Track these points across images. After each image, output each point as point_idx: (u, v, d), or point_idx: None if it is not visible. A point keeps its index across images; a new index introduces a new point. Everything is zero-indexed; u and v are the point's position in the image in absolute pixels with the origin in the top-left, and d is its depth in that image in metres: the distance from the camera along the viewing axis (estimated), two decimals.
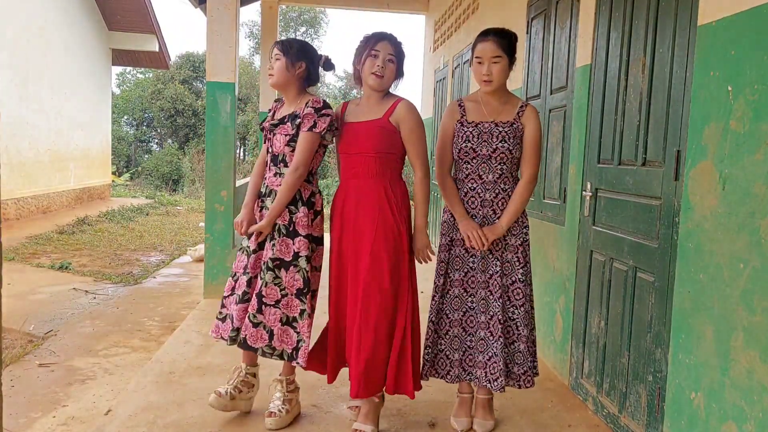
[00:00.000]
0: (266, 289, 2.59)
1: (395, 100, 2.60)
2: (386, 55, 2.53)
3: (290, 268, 2.60)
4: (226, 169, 4.81)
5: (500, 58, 2.53)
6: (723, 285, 1.98)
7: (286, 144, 2.62)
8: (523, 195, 2.61)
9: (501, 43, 2.54)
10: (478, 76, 2.59)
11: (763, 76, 1.82)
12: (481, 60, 2.56)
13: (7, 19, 9.04)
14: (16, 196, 9.47)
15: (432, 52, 8.20)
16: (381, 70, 2.52)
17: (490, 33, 2.57)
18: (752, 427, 1.84)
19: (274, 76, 2.68)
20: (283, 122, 2.66)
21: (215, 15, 4.73)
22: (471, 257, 2.63)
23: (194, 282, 6.06)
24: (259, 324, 2.60)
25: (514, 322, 2.63)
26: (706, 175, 2.07)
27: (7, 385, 3.41)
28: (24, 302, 5.13)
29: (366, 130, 2.57)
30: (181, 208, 12.94)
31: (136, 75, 26.49)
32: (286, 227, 2.61)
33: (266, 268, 2.59)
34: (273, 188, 2.66)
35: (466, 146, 2.61)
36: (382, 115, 2.57)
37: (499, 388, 2.57)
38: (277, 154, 2.66)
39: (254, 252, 2.65)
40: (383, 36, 2.58)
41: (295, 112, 2.65)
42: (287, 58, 2.65)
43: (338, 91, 26.33)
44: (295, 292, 2.61)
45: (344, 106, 2.74)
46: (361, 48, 2.59)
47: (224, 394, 2.66)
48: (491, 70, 2.54)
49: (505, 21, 4.41)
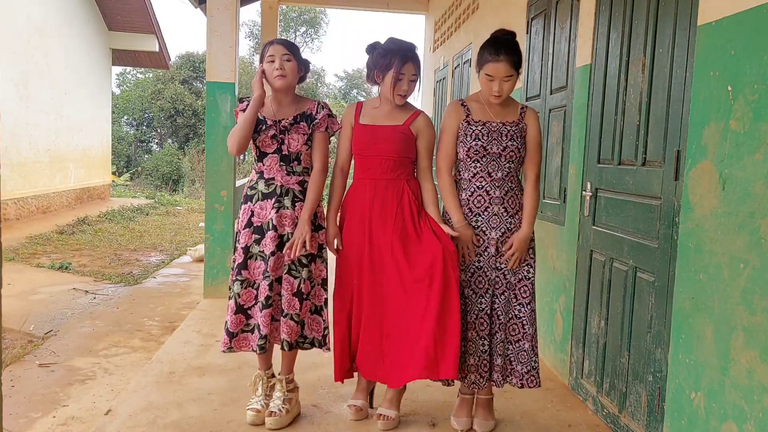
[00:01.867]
0: (303, 285, 2.65)
1: (415, 111, 2.75)
2: (410, 76, 2.66)
3: (317, 260, 2.72)
4: (226, 169, 4.81)
5: (511, 77, 2.55)
6: (723, 285, 1.98)
7: (304, 143, 2.68)
8: (534, 197, 2.65)
9: (513, 62, 2.54)
10: (487, 91, 2.59)
11: (763, 76, 1.82)
12: (492, 79, 2.55)
13: (7, 20, 9.04)
14: (16, 196, 9.47)
15: (432, 52, 8.20)
16: (405, 91, 2.68)
17: (502, 52, 2.52)
18: (752, 426, 1.84)
19: (288, 77, 2.65)
20: (297, 121, 2.68)
21: (215, 15, 4.73)
22: (477, 255, 2.62)
23: (194, 282, 6.06)
24: (300, 321, 2.67)
25: (520, 320, 2.62)
26: (706, 175, 2.07)
27: (7, 385, 3.41)
28: (24, 302, 5.13)
29: (389, 134, 2.67)
30: (181, 208, 12.94)
31: (136, 75, 26.49)
32: (312, 222, 2.69)
33: (300, 265, 2.64)
34: (289, 187, 2.67)
35: (476, 144, 2.60)
36: (404, 123, 2.70)
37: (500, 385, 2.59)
38: (291, 152, 2.67)
39: (272, 254, 2.63)
40: (408, 56, 2.64)
41: (306, 112, 2.70)
42: (296, 60, 2.68)
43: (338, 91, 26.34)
44: (320, 282, 2.74)
45: (358, 106, 2.78)
46: (385, 64, 2.63)
47: (261, 408, 2.67)
48: (502, 87, 2.55)
49: (505, 21, 4.41)
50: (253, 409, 2.66)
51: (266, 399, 2.72)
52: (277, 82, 2.64)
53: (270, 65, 2.64)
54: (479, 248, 2.61)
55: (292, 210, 2.66)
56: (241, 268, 2.64)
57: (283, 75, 2.63)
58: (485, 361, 2.63)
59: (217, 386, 3.08)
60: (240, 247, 2.66)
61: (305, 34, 25.72)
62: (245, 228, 2.67)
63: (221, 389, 3.04)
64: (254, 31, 25.18)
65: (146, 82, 24.74)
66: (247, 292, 2.65)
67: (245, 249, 2.65)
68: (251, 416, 2.64)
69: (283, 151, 2.67)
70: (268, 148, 2.67)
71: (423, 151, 2.74)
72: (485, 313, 2.62)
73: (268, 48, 2.68)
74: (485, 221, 2.60)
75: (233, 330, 2.65)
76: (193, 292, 5.67)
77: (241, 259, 2.64)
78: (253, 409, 2.66)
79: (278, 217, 2.65)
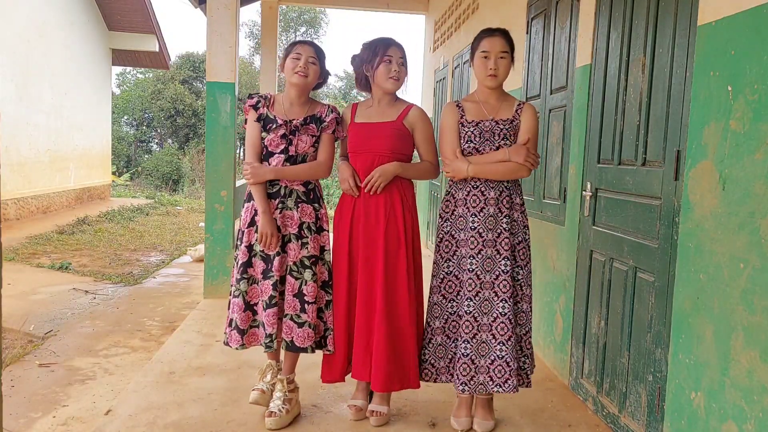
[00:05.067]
0: (306, 287, 2.65)
1: (407, 105, 2.75)
2: (398, 59, 2.68)
3: (319, 263, 2.71)
4: (226, 170, 4.81)
5: (506, 54, 2.60)
6: (723, 285, 1.98)
7: (312, 145, 2.69)
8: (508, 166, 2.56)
9: (507, 39, 2.62)
10: (482, 71, 2.61)
11: (763, 75, 1.82)
12: (487, 55, 2.59)
13: (7, 19, 9.04)
14: (16, 196, 9.47)
15: (432, 52, 8.20)
16: (397, 74, 2.67)
17: (497, 30, 2.64)
18: (752, 426, 1.84)
19: (309, 78, 2.67)
20: (307, 123, 2.69)
21: (215, 15, 4.74)
22: (470, 258, 2.62)
23: (194, 282, 6.06)
24: (305, 323, 2.64)
25: (506, 317, 2.58)
26: (706, 174, 2.07)
27: (7, 385, 3.41)
28: (24, 302, 5.13)
29: (381, 130, 2.69)
30: (181, 208, 12.94)
31: (136, 75, 26.47)
32: (315, 224, 2.70)
33: (302, 267, 2.65)
34: (293, 188, 2.67)
35: (468, 146, 2.62)
36: (396, 118, 2.71)
37: (511, 389, 2.56)
38: (298, 154, 2.68)
39: (277, 255, 2.63)
40: (391, 42, 2.71)
41: (316, 114, 2.72)
42: (320, 66, 2.71)
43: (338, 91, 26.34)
44: (322, 285, 2.73)
45: (354, 107, 2.81)
46: (370, 54, 2.69)
47: (266, 390, 2.70)
48: (498, 65, 2.58)
49: (505, 21, 4.41)
50: (257, 389, 2.69)
51: (272, 387, 2.73)
52: (295, 77, 2.66)
53: (294, 61, 2.66)
54: (473, 249, 2.60)
55: (295, 211, 2.67)
56: (247, 266, 2.67)
57: (305, 75, 2.65)
58: (465, 365, 2.60)
59: (217, 386, 3.08)
60: (244, 246, 2.68)
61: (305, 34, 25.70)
62: (248, 226, 2.69)
63: (221, 389, 3.04)
64: (254, 31, 25.17)
65: (146, 82, 24.71)
66: (253, 288, 2.69)
67: (249, 247, 2.68)
68: (255, 395, 2.67)
69: (290, 151, 2.67)
70: (276, 147, 2.67)
71: (422, 144, 2.75)
72: (457, 317, 2.63)
73: (297, 46, 2.69)
74: (481, 222, 2.60)
75: (243, 327, 2.67)
76: (193, 292, 5.67)
77: (246, 257, 2.67)
78: (257, 389, 2.69)
79: (281, 218, 2.66)
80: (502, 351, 2.56)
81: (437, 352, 2.69)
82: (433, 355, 2.69)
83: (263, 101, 2.73)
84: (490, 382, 2.58)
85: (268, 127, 2.67)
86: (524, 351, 2.65)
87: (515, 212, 2.63)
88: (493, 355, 2.58)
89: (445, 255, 2.68)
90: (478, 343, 2.60)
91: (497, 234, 2.59)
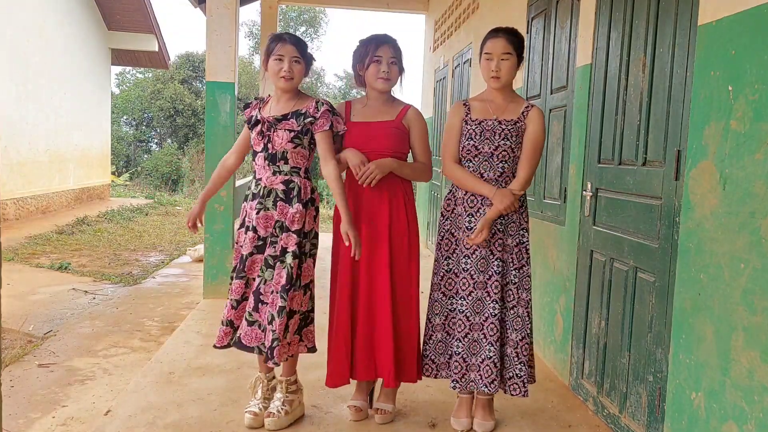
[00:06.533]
0: (265, 287, 2.59)
1: (405, 105, 2.75)
2: (389, 59, 2.65)
3: (279, 264, 2.58)
4: None
5: (510, 55, 2.58)
6: (723, 285, 1.98)
7: (290, 140, 2.58)
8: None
9: (511, 40, 2.59)
10: (486, 72, 2.61)
11: (763, 75, 1.82)
12: (490, 56, 2.58)
13: (7, 19, 9.03)
14: (16, 196, 9.46)
15: (432, 51, 8.20)
16: (386, 74, 2.65)
17: (501, 31, 2.62)
18: (753, 427, 1.84)
19: (295, 79, 2.61)
20: (286, 118, 2.61)
21: (215, 15, 4.73)
22: (465, 258, 2.62)
23: (194, 282, 6.06)
24: (254, 323, 2.59)
25: (496, 317, 2.57)
26: (707, 174, 2.06)
27: (7, 385, 3.41)
28: (24, 302, 5.13)
29: (381, 130, 2.68)
30: (180, 208, 12.92)
31: (136, 75, 26.45)
32: (282, 223, 2.61)
33: (266, 265, 2.59)
34: (272, 187, 2.61)
35: (468, 144, 2.62)
36: (395, 117, 2.70)
37: (494, 390, 2.58)
38: (276, 151, 2.60)
39: (250, 255, 2.62)
40: (382, 40, 2.68)
41: (301, 110, 2.61)
42: (305, 63, 2.63)
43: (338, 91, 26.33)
44: (280, 289, 2.55)
45: (348, 105, 2.78)
46: (362, 53, 2.68)
47: (259, 412, 2.65)
48: (500, 66, 2.57)
49: (505, 21, 4.40)
50: (251, 412, 2.65)
51: (265, 402, 2.71)
52: (281, 83, 2.60)
53: (277, 63, 2.58)
54: (468, 249, 2.61)
55: (273, 211, 2.61)
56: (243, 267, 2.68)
57: (290, 78, 2.59)
58: (457, 363, 2.62)
59: (217, 386, 3.08)
60: (238, 246, 2.70)
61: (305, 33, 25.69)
62: (240, 227, 2.71)
63: (221, 389, 3.04)
64: (254, 31, 25.15)
65: (146, 81, 24.69)
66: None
67: None
68: (249, 419, 2.63)
69: (269, 149, 2.61)
70: (257, 146, 2.65)
71: (417, 145, 2.73)
72: (457, 314, 2.63)
73: (277, 44, 2.59)
74: (477, 222, 2.59)
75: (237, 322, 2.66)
76: (192, 292, 5.67)
77: (239, 259, 2.67)
78: (251, 412, 2.65)
79: (258, 219, 2.61)
80: (491, 351, 2.56)
81: (437, 348, 2.69)
82: (434, 351, 2.70)
83: (257, 103, 2.73)
84: (479, 381, 2.59)
85: (253, 126, 2.67)
86: (520, 358, 2.59)
87: (512, 213, 2.62)
88: (483, 354, 2.58)
89: (445, 253, 2.68)
90: (469, 341, 2.61)
91: (491, 235, 2.59)
